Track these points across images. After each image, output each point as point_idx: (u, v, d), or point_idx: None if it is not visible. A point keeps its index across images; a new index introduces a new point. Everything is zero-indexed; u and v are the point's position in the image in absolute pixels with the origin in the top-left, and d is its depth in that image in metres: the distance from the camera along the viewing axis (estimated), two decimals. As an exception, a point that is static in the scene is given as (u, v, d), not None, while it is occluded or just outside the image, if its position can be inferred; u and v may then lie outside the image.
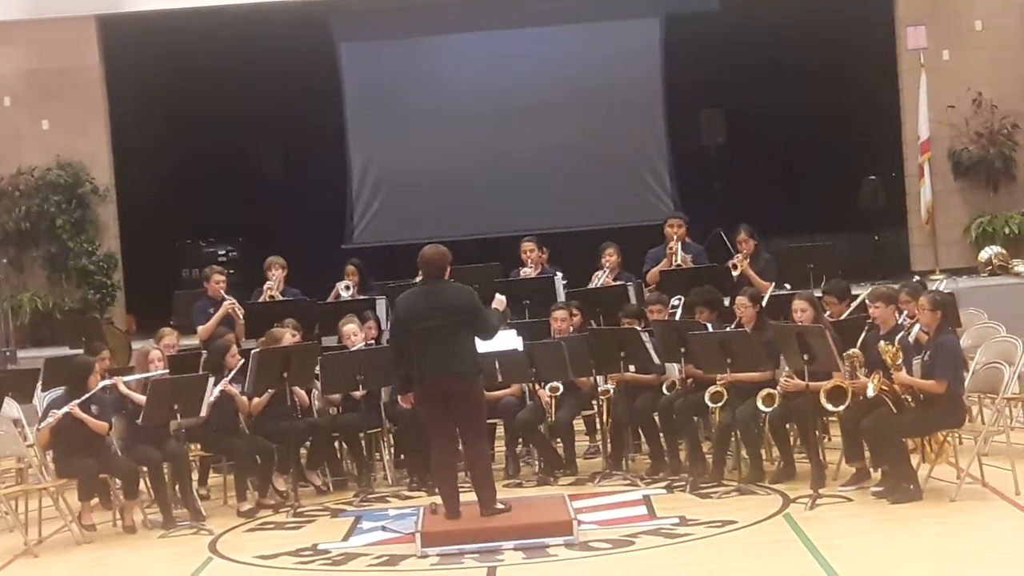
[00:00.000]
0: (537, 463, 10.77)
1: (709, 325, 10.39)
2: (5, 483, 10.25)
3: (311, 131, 18.03)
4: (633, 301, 11.67)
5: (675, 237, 12.31)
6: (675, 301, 11.34)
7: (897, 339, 9.07)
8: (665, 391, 10.43)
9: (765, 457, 10.15)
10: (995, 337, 10.62)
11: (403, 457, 11.01)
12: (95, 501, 9.97)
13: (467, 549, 8.47)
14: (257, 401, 10.38)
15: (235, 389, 10.28)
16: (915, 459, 9.12)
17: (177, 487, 10.08)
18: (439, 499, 9.00)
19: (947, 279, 13.99)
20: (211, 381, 10.09)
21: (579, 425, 11.15)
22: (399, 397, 9.83)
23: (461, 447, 9.06)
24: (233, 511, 10.10)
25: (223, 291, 12.12)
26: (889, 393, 8.96)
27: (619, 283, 12.19)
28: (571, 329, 10.98)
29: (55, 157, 16.98)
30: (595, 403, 10.65)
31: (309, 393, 10.73)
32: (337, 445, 10.89)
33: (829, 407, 9.19)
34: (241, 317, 11.91)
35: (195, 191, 17.61)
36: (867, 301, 9.86)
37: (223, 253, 17.94)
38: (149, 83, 17.12)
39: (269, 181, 18.52)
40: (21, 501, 9.86)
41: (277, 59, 17.20)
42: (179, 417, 9.87)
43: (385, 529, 9.27)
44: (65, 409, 9.51)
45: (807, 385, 9.26)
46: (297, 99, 17.61)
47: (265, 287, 12.42)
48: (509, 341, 10.33)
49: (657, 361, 10.41)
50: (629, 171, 18.29)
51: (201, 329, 12.00)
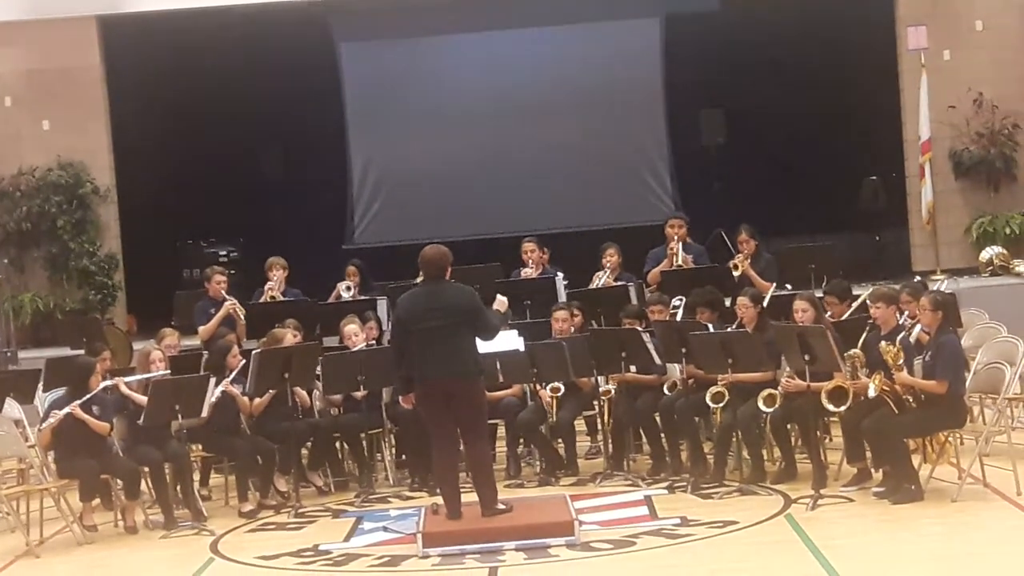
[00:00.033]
0: (538, 463, 10.77)
1: (710, 325, 10.38)
2: (7, 484, 10.23)
3: (312, 131, 18.02)
4: (634, 301, 11.66)
5: (676, 237, 12.30)
6: (676, 301, 11.33)
7: (898, 339, 9.06)
8: (666, 391, 10.43)
9: (766, 457, 10.14)
10: (996, 337, 10.60)
11: (404, 457, 11.01)
12: (96, 502, 9.98)
13: (468, 550, 8.47)
14: (258, 401, 10.37)
15: (236, 390, 10.28)
16: (916, 459, 9.12)
17: (178, 488, 10.08)
18: (440, 499, 9.00)
19: (948, 279, 13.99)
20: (212, 382, 10.09)
21: (580, 425, 11.15)
22: (400, 397, 9.82)
23: (462, 447, 9.06)
24: (234, 511, 10.11)
25: (224, 291, 12.12)
26: (890, 393, 8.95)
27: (620, 283, 12.18)
28: (572, 329, 10.98)
29: (56, 157, 16.97)
30: (596, 403, 10.63)
31: (310, 394, 10.73)
32: (338, 446, 10.88)
33: (830, 407, 9.19)
34: (242, 317, 11.90)
35: (196, 191, 17.60)
36: (868, 301, 9.86)
37: (224, 253, 17.91)
38: (150, 83, 17.10)
39: (270, 181, 18.50)
40: (23, 502, 9.86)
41: (278, 59, 17.19)
42: (180, 418, 9.87)
43: (386, 530, 9.28)
44: (66, 410, 9.50)
45: (808, 385, 9.26)
46: (298, 99, 17.61)
47: (266, 287, 12.42)
48: (510, 341, 10.33)
49: (658, 361, 10.40)
50: (630, 171, 18.27)
51: (202, 330, 11.99)
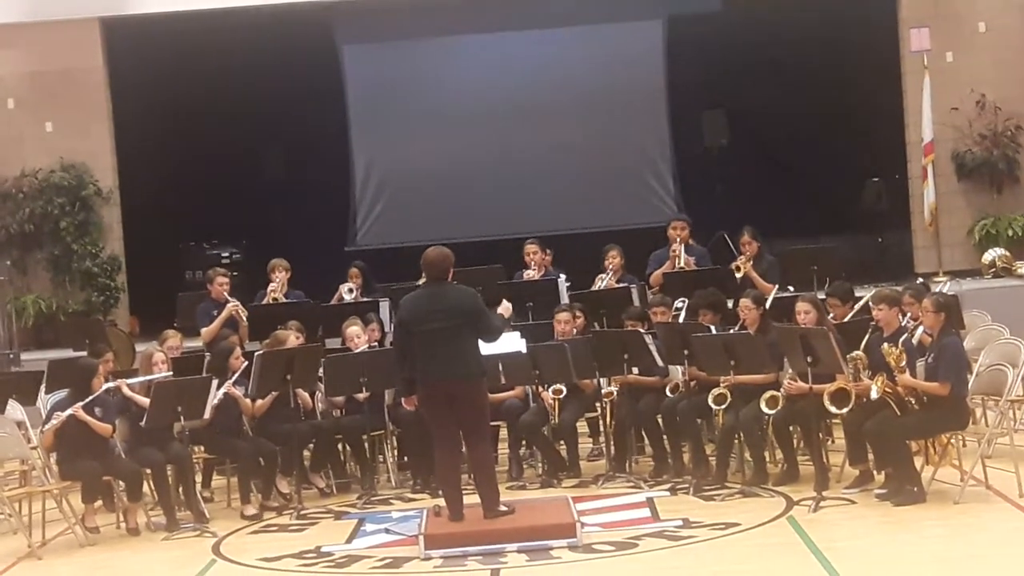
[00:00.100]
0: (540, 465, 10.77)
1: (712, 327, 10.38)
2: (9, 485, 10.22)
3: (314, 133, 18.01)
4: (636, 303, 11.65)
5: (678, 239, 12.30)
6: (679, 303, 11.32)
7: (901, 341, 9.06)
8: (669, 393, 10.43)
9: (768, 459, 10.14)
10: (999, 339, 10.59)
11: (406, 459, 11.02)
12: (99, 503, 9.99)
13: (470, 551, 8.47)
14: (261, 403, 10.38)
15: (239, 391, 10.28)
16: (919, 461, 9.11)
17: (181, 489, 10.09)
18: (442, 501, 9.00)
19: (951, 281, 13.99)
20: (215, 383, 10.09)
21: (582, 427, 11.15)
22: (403, 399, 9.81)
23: (464, 449, 9.07)
24: (237, 513, 10.11)
25: (227, 293, 12.13)
26: (893, 395, 8.95)
27: (622, 285, 12.17)
28: (574, 331, 10.99)
29: (58, 159, 16.95)
30: (598, 405, 10.63)
31: (313, 395, 10.73)
32: (340, 447, 10.89)
33: (833, 409, 9.19)
34: (245, 319, 11.91)
35: (198, 193, 17.59)
36: (871, 303, 9.86)
37: (226, 255, 17.88)
38: (152, 85, 17.09)
39: (272, 183, 18.51)
40: (25, 503, 9.88)
41: (280, 61, 17.18)
42: (183, 419, 9.88)
43: (388, 531, 9.28)
44: (69, 411, 9.50)
45: (811, 387, 9.25)
46: (300, 101, 17.60)
47: (268, 289, 12.41)
48: (512, 343, 10.33)
49: (660, 363, 10.39)
50: (632, 173, 18.25)
51: (205, 331, 12.00)
